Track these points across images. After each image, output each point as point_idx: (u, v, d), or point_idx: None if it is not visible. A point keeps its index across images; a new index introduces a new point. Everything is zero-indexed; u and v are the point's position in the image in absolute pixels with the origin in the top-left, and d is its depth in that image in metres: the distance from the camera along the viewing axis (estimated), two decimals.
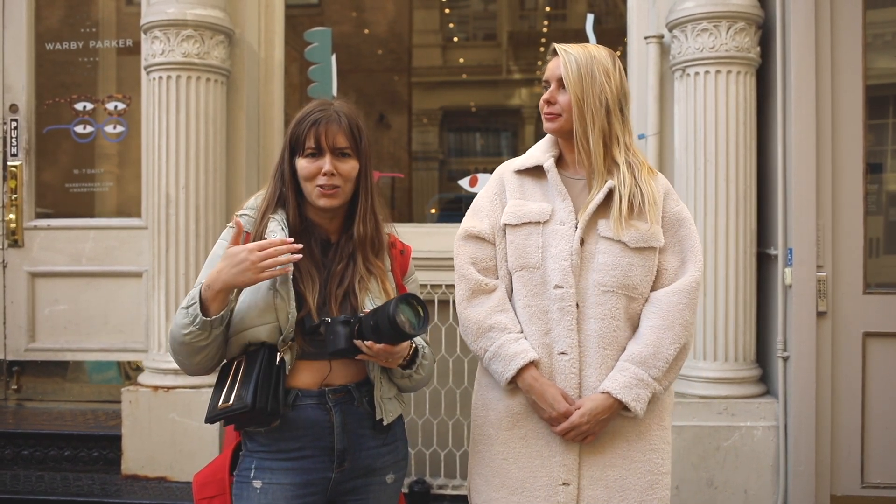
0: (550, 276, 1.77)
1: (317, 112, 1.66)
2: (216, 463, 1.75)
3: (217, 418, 1.61)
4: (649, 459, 1.78)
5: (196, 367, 1.65)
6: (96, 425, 3.66)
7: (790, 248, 3.11)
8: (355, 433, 1.67)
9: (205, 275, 1.64)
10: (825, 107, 3.10)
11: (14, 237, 3.97)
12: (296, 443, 1.64)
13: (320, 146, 1.64)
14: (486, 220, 1.87)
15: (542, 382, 1.75)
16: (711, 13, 3.12)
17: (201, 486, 1.72)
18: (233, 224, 1.66)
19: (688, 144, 3.22)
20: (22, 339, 3.97)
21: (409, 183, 6.51)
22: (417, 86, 7.02)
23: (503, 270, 1.85)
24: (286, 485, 1.63)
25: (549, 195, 1.84)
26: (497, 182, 1.92)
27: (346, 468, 1.66)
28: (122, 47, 4.15)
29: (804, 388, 3.07)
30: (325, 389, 1.65)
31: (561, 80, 1.81)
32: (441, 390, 3.43)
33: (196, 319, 1.54)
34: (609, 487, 1.76)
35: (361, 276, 1.66)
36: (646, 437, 1.78)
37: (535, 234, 1.80)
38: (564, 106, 1.80)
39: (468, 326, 1.83)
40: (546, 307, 1.78)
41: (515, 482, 1.79)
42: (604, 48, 1.84)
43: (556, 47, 1.85)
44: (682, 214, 1.85)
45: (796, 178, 3.08)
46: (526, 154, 1.93)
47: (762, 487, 3.12)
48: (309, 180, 1.65)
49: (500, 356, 1.77)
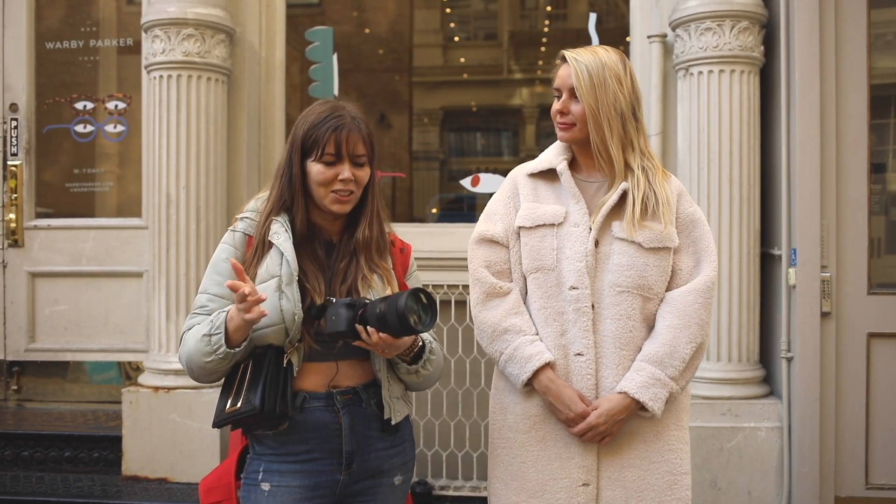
0: (566, 278, 1.77)
1: (335, 117, 1.64)
2: (222, 468, 1.74)
3: (225, 422, 1.60)
4: (668, 460, 1.78)
5: (210, 380, 1.65)
6: (97, 426, 3.65)
7: (794, 248, 3.10)
8: (363, 435, 1.67)
9: (210, 283, 1.65)
10: (829, 106, 3.09)
11: (14, 237, 3.96)
12: (304, 445, 1.63)
13: (341, 154, 1.63)
14: (499, 223, 1.87)
15: (558, 384, 1.75)
16: (715, 12, 3.11)
17: (207, 491, 1.70)
18: (234, 228, 1.67)
19: (691, 144, 3.20)
20: (22, 340, 3.96)
21: (409, 183, 6.49)
22: (418, 85, 7.00)
23: (517, 273, 1.85)
24: (295, 487, 1.62)
25: (562, 198, 1.84)
26: (510, 185, 1.92)
27: (354, 470, 1.66)
28: (123, 46, 4.14)
29: (808, 388, 3.05)
30: (332, 391, 1.65)
31: (572, 89, 1.80)
32: (443, 391, 3.42)
33: (219, 349, 1.55)
34: (627, 488, 1.76)
35: (364, 273, 1.66)
36: (664, 437, 1.78)
37: (550, 236, 1.80)
38: (578, 116, 1.80)
39: (483, 330, 1.84)
40: (561, 308, 1.78)
41: (535, 485, 1.79)
42: (613, 51, 1.82)
43: (565, 54, 1.83)
44: (695, 215, 1.85)
45: (800, 178, 3.07)
46: (539, 158, 1.93)
47: (766, 488, 3.11)
48: (324, 185, 1.64)
49: (515, 359, 1.78)
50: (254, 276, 1.61)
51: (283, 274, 1.60)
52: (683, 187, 1.88)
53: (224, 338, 1.54)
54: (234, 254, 1.66)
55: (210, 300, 1.65)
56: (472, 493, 3.36)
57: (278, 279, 1.60)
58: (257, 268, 1.62)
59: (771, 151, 3.26)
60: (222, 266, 1.66)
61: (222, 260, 1.66)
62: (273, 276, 1.60)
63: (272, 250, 1.63)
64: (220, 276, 1.65)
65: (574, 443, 1.77)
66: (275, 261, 1.62)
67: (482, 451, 3.40)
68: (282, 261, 1.61)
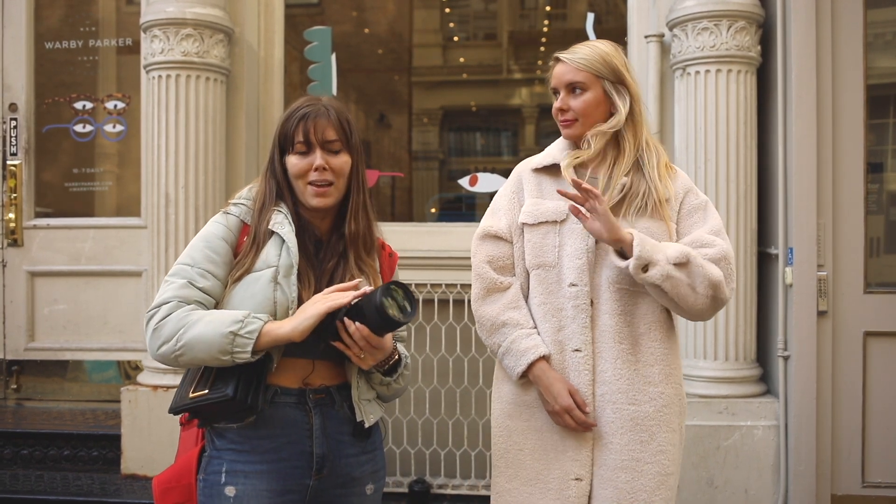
0: (566, 275, 1.79)
1: (305, 107, 1.61)
2: (180, 465, 1.59)
3: (186, 408, 1.50)
4: (658, 461, 1.79)
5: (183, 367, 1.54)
6: (96, 425, 3.66)
7: (791, 247, 3.10)
8: (335, 438, 1.60)
9: (202, 258, 1.56)
10: (826, 106, 3.09)
11: (13, 236, 3.97)
12: (271, 442, 1.54)
13: (309, 141, 1.58)
14: (503, 218, 1.90)
15: (550, 376, 1.77)
16: (712, 12, 3.11)
17: (164, 491, 1.56)
18: (227, 210, 1.62)
19: (688, 143, 3.21)
20: (21, 339, 3.97)
21: (409, 182, 6.49)
22: (418, 85, 7.00)
23: (520, 268, 1.88)
24: (262, 490, 1.53)
25: None
26: (515, 180, 1.93)
27: (324, 475, 1.58)
28: (122, 46, 4.15)
29: (805, 387, 3.06)
30: (305, 389, 1.58)
31: (569, 84, 1.82)
32: (441, 390, 3.43)
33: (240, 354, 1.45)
34: (619, 489, 1.77)
35: (352, 274, 1.62)
36: (657, 439, 1.79)
37: (552, 233, 1.82)
38: (578, 110, 1.82)
39: (482, 323, 1.87)
40: (560, 305, 1.80)
41: (530, 473, 1.82)
42: (608, 42, 1.86)
43: (558, 56, 1.86)
44: (705, 205, 1.85)
45: (797, 177, 3.08)
46: (544, 152, 1.94)
47: (763, 487, 3.12)
48: (300, 177, 1.60)
49: (511, 351, 1.80)
50: (249, 267, 1.56)
51: (282, 265, 1.55)
52: (691, 183, 1.89)
53: (252, 345, 1.45)
54: (227, 234, 1.59)
55: (202, 275, 1.55)
56: (469, 492, 3.37)
57: (275, 269, 1.55)
58: (254, 258, 1.56)
59: (768, 151, 3.27)
60: (218, 244, 1.58)
61: (219, 237, 1.59)
62: (269, 266, 1.55)
63: (272, 240, 1.58)
64: (216, 255, 1.57)
65: (569, 436, 1.78)
66: (273, 251, 1.57)
67: (480, 450, 3.41)
68: (281, 251, 1.57)
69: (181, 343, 1.47)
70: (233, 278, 1.57)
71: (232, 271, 1.58)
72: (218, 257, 1.57)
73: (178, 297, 1.52)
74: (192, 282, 1.54)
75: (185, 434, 1.64)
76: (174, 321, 1.49)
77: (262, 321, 1.47)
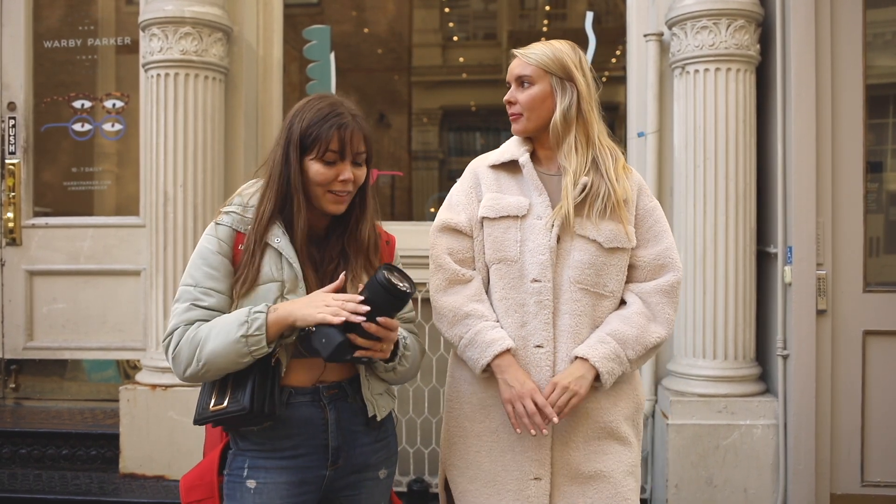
0: (528, 270, 1.78)
1: (337, 115, 1.58)
2: (204, 465, 1.67)
3: (208, 420, 1.57)
4: (620, 452, 1.80)
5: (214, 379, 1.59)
6: (94, 424, 3.66)
7: (790, 246, 3.10)
8: (349, 430, 1.65)
9: (202, 276, 1.58)
10: (825, 105, 3.09)
11: (12, 235, 3.97)
12: (289, 441, 1.61)
13: (344, 153, 1.58)
14: (462, 213, 1.88)
15: (515, 367, 1.76)
16: (711, 10, 3.11)
17: (189, 489, 1.64)
18: (218, 221, 1.62)
19: (687, 142, 3.21)
20: (20, 338, 3.97)
21: (409, 182, 6.50)
22: (417, 85, 7.01)
23: (480, 262, 1.86)
24: (281, 483, 1.60)
25: (525, 190, 1.85)
26: (471, 176, 1.92)
27: (340, 465, 1.64)
28: (121, 45, 4.15)
29: (804, 386, 3.06)
30: (319, 386, 1.63)
31: (519, 78, 1.84)
32: (439, 388, 3.42)
33: (258, 350, 1.51)
34: (583, 484, 1.77)
35: (354, 274, 1.63)
36: (620, 431, 1.81)
37: (514, 228, 1.81)
38: (524, 104, 1.83)
39: (443, 314, 1.83)
40: (523, 300, 1.79)
41: (488, 475, 1.81)
42: (566, 42, 1.86)
43: (513, 51, 1.88)
44: (655, 211, 1.87)
45: (796, 176, 3.07)
46: (500, 149, 1.94)
47: (762, 486, 3.11)
48: (322, 185, 1.59)
49: (476, 343, 1.78)
50: (248, 277, 1.57)
51: (287, 279, 1.57)
52: (644, 182, 1.90)
53: (265, 339, 1.50)
54: (221, 247, 1.60)
55: (206, 294, 1.58)
56: None
57: (280, 284, 1.57)
58: (256, 269, 1.57)
59: (767, 150, 3.27)
60: (214, 259, 1.59)
61: (213, 252, 1.60)
62: (274, 281, 1.57)
63: (269, 252, 1.58)
64: (215, 271, 1.59)
65: (527, 436, 1.77)
66: (273, 264, 1.58)
67: None
68: (282, 264, 1.58)
69: (203, 362, 1.53)
70: (239, 294, 1.59)
71: (236, 286, 1.59)
72: (217, 272, 1.60)
73: (184, 322, 1.57)
74: (197, 302, 1.58)
75: (210, 430, 1.72)
76: (186, 344, 1.55)
77: (263, 313, 1.51)
